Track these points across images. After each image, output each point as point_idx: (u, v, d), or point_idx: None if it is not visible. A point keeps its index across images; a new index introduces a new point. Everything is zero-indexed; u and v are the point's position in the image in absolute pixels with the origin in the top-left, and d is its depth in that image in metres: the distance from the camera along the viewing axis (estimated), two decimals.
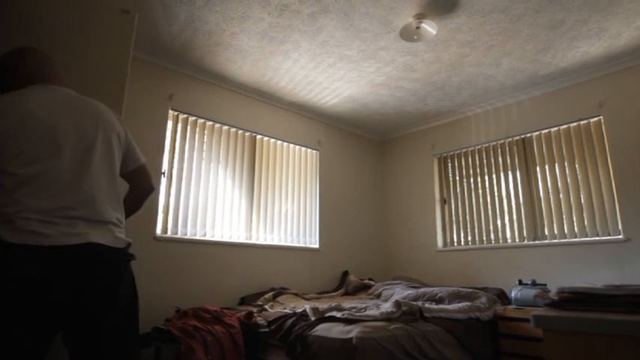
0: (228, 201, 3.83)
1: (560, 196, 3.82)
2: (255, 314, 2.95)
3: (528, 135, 4.13)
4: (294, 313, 2.72)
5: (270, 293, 3.57)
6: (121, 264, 1.34)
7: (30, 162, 1.22)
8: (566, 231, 3.73)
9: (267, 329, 2.72)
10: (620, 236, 3.39)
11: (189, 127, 3.68)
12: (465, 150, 4.64)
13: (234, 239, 3.79)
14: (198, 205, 3.59)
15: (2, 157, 1.20)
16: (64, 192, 1.24)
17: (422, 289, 3.61)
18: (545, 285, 3.24)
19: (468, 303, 3.10)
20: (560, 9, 2.87)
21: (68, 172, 1.26)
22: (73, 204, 1.24)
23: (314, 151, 4.72)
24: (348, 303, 3.27)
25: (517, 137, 4.21)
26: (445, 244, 4.67)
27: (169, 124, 3.55)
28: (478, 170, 4.51)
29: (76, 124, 1.33)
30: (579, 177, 3.73)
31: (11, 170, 1.19)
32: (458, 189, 4.66)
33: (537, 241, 3.89)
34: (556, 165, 3.89)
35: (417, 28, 2.96)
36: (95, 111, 1.42)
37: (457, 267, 4.41)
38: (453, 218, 4.65)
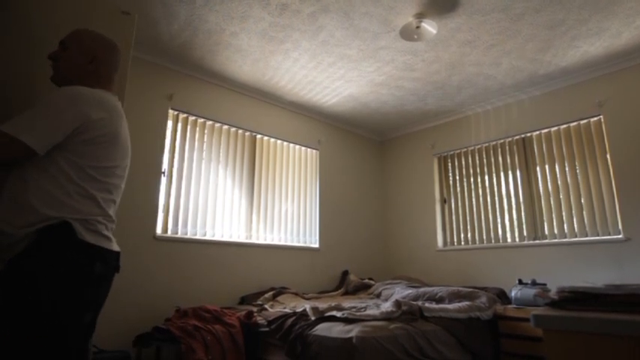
0: (229, 200, 3.83)
1: (560, 195, 3.82)
2: (255, 314, 2.95)
3: (528, 134, 4.13)
4: (294, 313, 2.72)
5: (270, 293, 3.57)
6: None
7: (116, 175, 1.37)
8: (566, 230, 3.73)
9: (267, 329, 2.72)
10: (620, 236, 3.39)
11: (189, 127, 3.68)
12: (465, 149, 4.64)
13: (235, 239, 3.79)
14: (199, 205, 3.59)
15: (96, 160, 1.30)
16: (114, 206, 1.40)
17: (422, 289, 3.61)
18: (545, 284, 3.24)
19: (468, 302, 3.10)
20: (560, 8, 2.87)
21: (121, 190, 1.44)
22: (114, 217, 1.40)
23: (314, 151, 4.72)
24: (348, 302, 3.27)
25: (517, 137, 4.21)
26: (445, 243, 4.67)
27: (169, 123, 3.55)
28: (478, 170, 4.51)
29: (128, 148, 1.48)
30: (579, 176, 3.73)
31: (102, 178, 1.31)
32: (458, 188, 4.66)
33: (537, 241, 3.89)
34: (556, 164, 3.89)
35: (417, 27, 2.96)
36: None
37: (457, 266, 4.41)
38: (453, 218, 4.65)
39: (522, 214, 4.05)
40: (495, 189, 4.32)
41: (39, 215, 1.17)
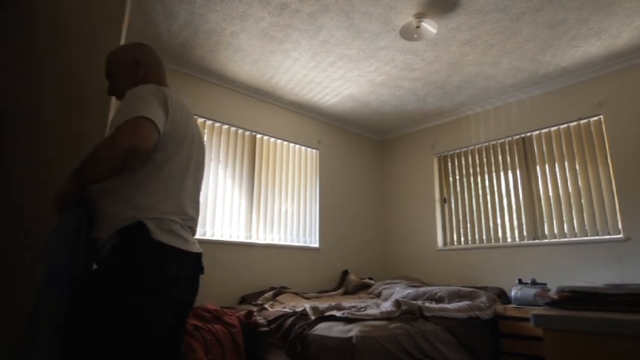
0: (228, 200, 3.83)
1: (560, 195, 3.82)
2: (255, 313, 2.95)
3: (528, 134, 4.13)
4: (294, 313, 2.72)
5: (270, 292, 3.57)
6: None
7: (190, 170, 1.36)
8: (566, 230, 3.73)
9: (267, 328, 2.72)
10: (619, 235, 3.39)
11: None
12: (465, 149, 4.64)
13: (234, 238, 3.79)
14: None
15: (170, 154, 1.28)
16: (191, 204, 1.36)
17: (422, 289, 3.61)
18: (545, 284, 3.24)
19: (468, 302, 3.10)
20: (560, 8, 2.87)
21: (192, 186, 1.38)
22: (193, 216, 1.36)
23: (314, 151, 4.72)
24: (348, 302, 3.27)
25: (517, 136, 4.21)
26: (445, 243, 4.67)
27: None
28: (478, 169, 4.51)
29: (196, 144, 1.44)
30: (579, 176, 3.73)
31: (176, 173, 1.30)
32: (458, 188, 4.66)
33: (537, 241, 3.89)
34: (556, 164, 3.89)
35: (417, 27, 2.96)
36: (198, 127, 1.50)
37: (457, 266, 4.41)
38: (453, 218, 4.65)
39: (522, 213, 4.05)
40: (495, 189, 4.32)
41: (116, 218, 1.19)
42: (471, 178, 4.56)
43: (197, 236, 3.61)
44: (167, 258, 1.21)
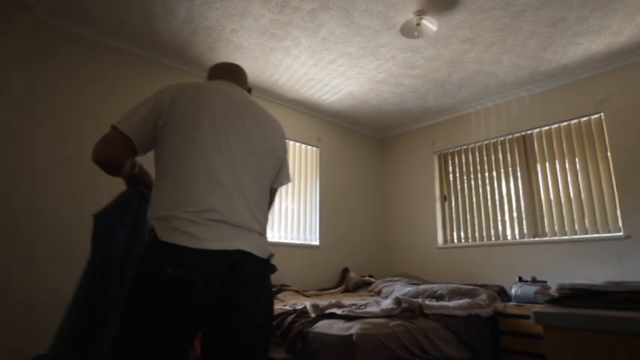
0: None
1: (561, 193, 3.82)
2: None
3: (529, 132, 4.13)
4: (295, 310, 2.72)
5: None
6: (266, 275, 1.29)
7: (206, 155, 1.24)
8: (566, 228, 3.73)
9: None
10: (620, 233, 3.39)
11: None
12: (466, 147, 4.64)
13: None
14: None
15: (175, 146, 1.22)
16: (210, 189, 1.19)
17: (422, 286, 3.61)
18: (545, 282, 3.24)
19: (468, 300, 3.11)
20: (561, 5, 2.86)
21: (207, 169, 1.21)
22: (211, 206, 1.16)
23: (314, 148, 4.71)
24: (348, 300, 3.27)
25: (517, 134, 4.20)
26: (445, 241, 4.68)
27: None
28: (478, 167, 4.50)
29: (227, 113, 1.31)
30: (580, 174, 3.73)
31: (180, 164, 1.21)
32: (458, 186, 4.66)
33: (537, 238, 3.89)
34: (556, 162, 3.89)
35: (418, 24, 2.96)
36: (232, 94, 1.38)
37: (457, 264, 4.41)
38: (454, 215, 4.65)
39: (522, 211, 4.04)
40: (496, 186, 4.32)
41: (149, 221, 1.19)
42: (472, 175, 4.55)
43: None
44: (165, 258, 1.08)
